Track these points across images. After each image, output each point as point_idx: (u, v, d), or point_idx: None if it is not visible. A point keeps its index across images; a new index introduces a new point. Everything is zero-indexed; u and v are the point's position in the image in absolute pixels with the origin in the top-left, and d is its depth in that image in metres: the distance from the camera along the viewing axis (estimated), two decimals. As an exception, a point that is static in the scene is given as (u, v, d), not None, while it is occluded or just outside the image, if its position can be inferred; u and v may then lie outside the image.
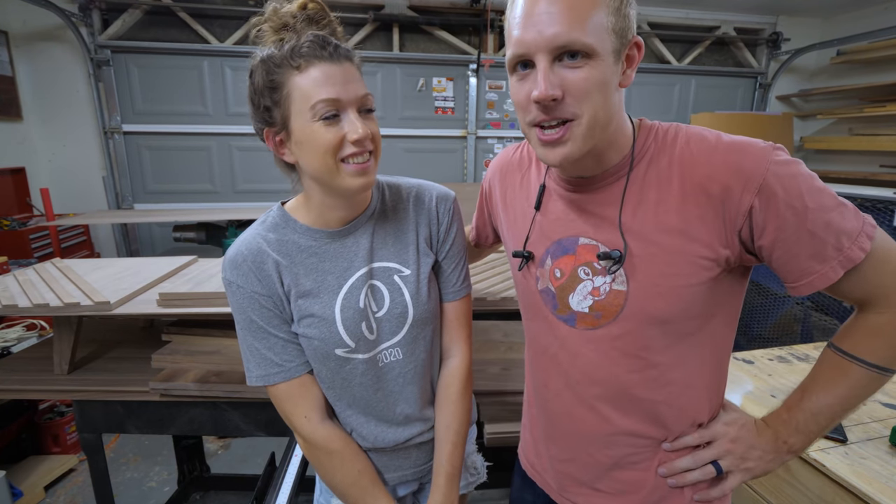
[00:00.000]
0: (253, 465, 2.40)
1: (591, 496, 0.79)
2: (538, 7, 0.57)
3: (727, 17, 4.04)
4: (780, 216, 0.59)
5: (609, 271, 0.67)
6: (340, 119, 0.70)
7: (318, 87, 0.68)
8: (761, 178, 0.58)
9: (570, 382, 0.76)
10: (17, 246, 2.79)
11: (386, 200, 0.85)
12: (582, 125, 0.60)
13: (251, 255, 0.77)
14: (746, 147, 0.61)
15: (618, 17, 0.58)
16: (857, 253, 0.59)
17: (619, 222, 0.66)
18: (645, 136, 0.67)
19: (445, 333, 0.91)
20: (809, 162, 4.33)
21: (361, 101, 0.71)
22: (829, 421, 0.67)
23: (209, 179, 3.64)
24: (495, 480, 1.11)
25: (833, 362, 0.67)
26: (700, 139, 0.64)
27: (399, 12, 3.56)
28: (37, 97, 3.29)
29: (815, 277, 0.61)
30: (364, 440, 0.85)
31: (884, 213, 2.39)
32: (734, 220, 0.61)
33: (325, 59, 0.68)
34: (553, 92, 0.57)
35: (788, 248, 0.60)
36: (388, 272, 0.82)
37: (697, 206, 0.62)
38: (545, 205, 0.76)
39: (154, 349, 1.42)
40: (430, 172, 3.94)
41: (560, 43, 0.56)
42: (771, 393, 1.25)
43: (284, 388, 0.79)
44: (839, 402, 0.66)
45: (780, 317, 2.82)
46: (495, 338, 1.69)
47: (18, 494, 2.08)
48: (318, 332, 0.77)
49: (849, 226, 0.59)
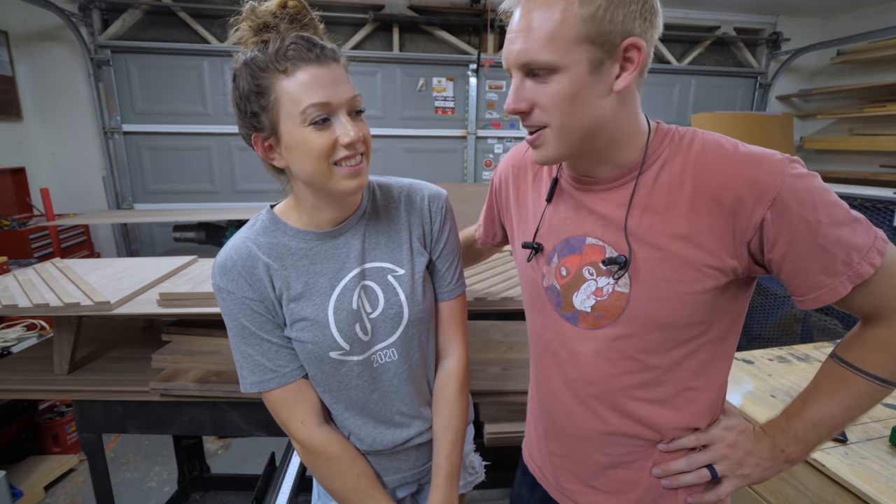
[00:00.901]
0: (253, 465, 2.40)
1: (587, 493, 0.79)
2: (511, 26, 0.62)
3: (727, 17, 4.04)
4: (793, 229, 0.59)
5: (614, 276, 0.68)
6: (331, 123, 0.68)
7: (308, 91, 0.66)
8: (776, 190, 0.58)
9: (568, 380, 0.76)
10: (17, 246, 2.79)
11: (377, 200, 0.85)
12: (553, 132, 0.63)
13: (241, 260, 0.76)
14: (762, 159, 0.60)
15: (594, 24, 0.57)
16: (866, 268, 0.59)
17: (624, 226, 0.66)
18: (660, 139, 0.67)
19: (441, 333, 0.90)
20: (809, 162, 4.33)
21: (351, 103, 0.70)
22: (828, 431, 0.67)
23: (209, 179, 3.64)
24: (495, 480, 1.11)
25: (836, 373, 0.67)
26: (717, 147, 0.63)
27: (399, 12, 3.56)
28: (37, 97, 3.29)
29: (823, 292, 0.61)
30: (362, 443, 0.85)
31: (884, 213, 2.39)
32: (744, 231, 0.61)
33: (313, 61, 0.67)
34: (516, 105, 0.63)
35: (799, 261, 0.60)
36: (381, 272, 0.81)
37: (708, 216, 0.62)
38: (556, 200, 0.77)
39: (154, 349, 1.42)
40: (430, 172, 3.94)
41: (522, 62, 0.61)
42: (771, 393, 1.25)
43: (280, 394, 0.79)
44: (840, 412, 0.66)
45: (780, 317, 2.82)
46: (495, 338, 1.69)
47: (18, 494, 2.08)
48: (311, 335, 0.77)
49: (860, 241, 0.59)
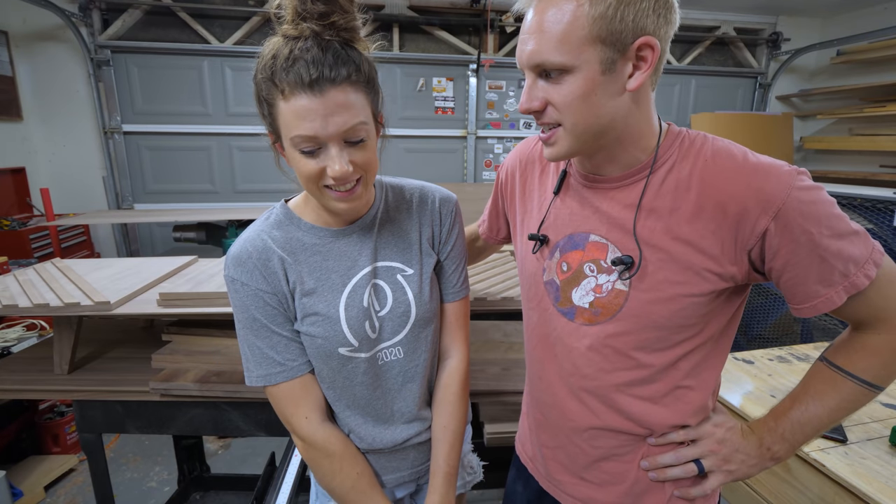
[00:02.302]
0: (253, 465, 2.40)
1: (577, 485, 0.81)
2: (524, 28, 0.63)
3: (727, 17, 4.04)
4: (795, 240, 0.59)
5: (620, 275, 0.68)
6: (322, 152, 0.67)
7: (297, 122, 0.64)
8: (781, 202, 0.59)
9: (562, 374, 0.77)
10: (17, 246, 2.79)
11: (389, 201, 0.85)
12: (566, 130, 0.64)
13: (256, 252, 0.76)
14: (770, 169, 0.61)
15: (604, 24, 0.57)
16: (861, 280, 0.60)
17: (633, 227, 0.67)
18: (671, 141, 0.67)
19: (445, 334, 0.91)
20: (809, 162, 4.34)
21: (345, 135, 0.66)
22: (814, 431, 0.68)
23: (209, 179, 3.64)
24: (494, 480, 1.11)
25: (824, 376, 0.68)
26: (727, 156, 0.64)
27: (399, 12, 3.56)
28: (37, 97, 3.29)
29: (819, 301, 0.62)
30: (362, 441, 0.85)
31: (884, 213, 2.39)
32: (746, 240, 0.62)
33: (307, 89, 0.63)
34: (530, 105, 0.64)
35: (798, 271, 0.61)
36: (391, 271, 0.82)
37: (713, 221, 0.63)
38: (563, 194, 0.77)
39: (154, 349, 1.42)
40: (431, 172, 3.94)
41: (534, 63, 0.61)
42: (771, 393, 1.25)
43: (286, 388, 0.79)
44: (827, 414, 0.67)
45: (780, 317, 2.82)
46: (495, 338, 1.69)
47: (18, 494, 2.08)
48: (321, 330, 0.77)
49: (857, 253, 0.60)
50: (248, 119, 3.54)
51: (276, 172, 0.83)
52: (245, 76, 3.49)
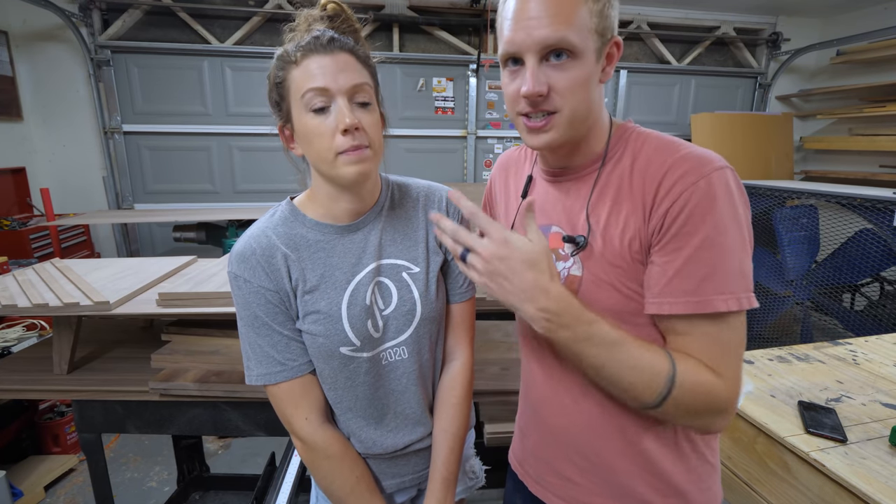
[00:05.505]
0: (253, 465, 2.40)
1: (563, 486, 0.80)
2: (528, 9, 0.61)
3: (727, 18, 4.04)
4: (680, 228, 0.60)
5: (573, 256, 0.70)
6: (330, 110, 0.70)
7: (309, 78, 0.69)
8: (684, 188, 0.60)
9: (544, 368, 0.79)
10: (17, 246, 2.79)
11: (395, 198, 0.86)
12: (564, 117, 0.64)
13: (260, 249, 0.76)
14: (692, 158, 0.62)
15: (600, 18, 0.62)
16: (716, 304, 0.59)
17: (586, 211, 0.69)
18: (619, 135, 0.71)
19: (450, 335, 0.90)
20: (809, 162, 4.34)
21: (352, 91, 0.71)
22: (588, 354, 0.61)
23: (209, 179, 3.64)
24: (494, 481, 1.11)
25: (657, 346, 0.63)
26: (660, 148, 0.66)
27: (399, 12, 3.56)
28: (37, 97, 3.30)
29: (665, 303, 0.62)
30: (362, 445, 0.84)
31: (884, 213, 2.39)
32: (654, 224, 0.63)
33: (319, 51, 0.70)
34: (539, 89, 0.62)
35: (666, 260, 0.62)
36: (396, 269, 0.82)
37: (642, 208, 0.64)
38: (530, 195, 0.81)
39: (154, 349, 1.42)
40: (431, 172, 3.94)
41: (548, 44, 0.61)
42: (771, 393, 1.25)
43: (286, 388, 0.78)
44: (618, 357, 0.61)
45: (780, 317, 2.82)
46: (495, 338, 1.69)
47: (18, 494, 2.08)
48: (323, 328, 0.77)
49: (723, 281, 0.59)
50: (248, 119, 3.54)
51: (276, 172, 0.83)
52: (245, 76, 3.50)
